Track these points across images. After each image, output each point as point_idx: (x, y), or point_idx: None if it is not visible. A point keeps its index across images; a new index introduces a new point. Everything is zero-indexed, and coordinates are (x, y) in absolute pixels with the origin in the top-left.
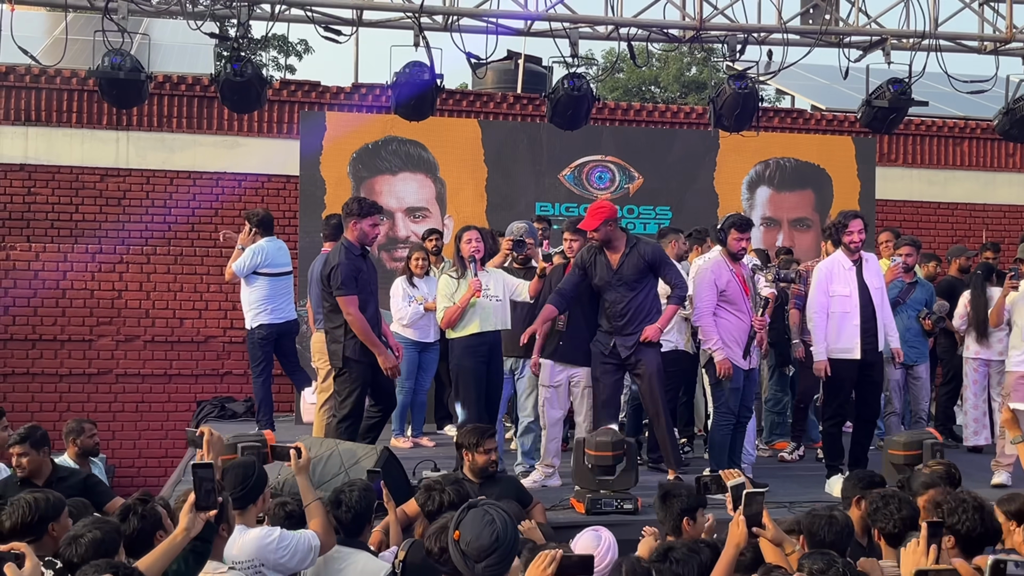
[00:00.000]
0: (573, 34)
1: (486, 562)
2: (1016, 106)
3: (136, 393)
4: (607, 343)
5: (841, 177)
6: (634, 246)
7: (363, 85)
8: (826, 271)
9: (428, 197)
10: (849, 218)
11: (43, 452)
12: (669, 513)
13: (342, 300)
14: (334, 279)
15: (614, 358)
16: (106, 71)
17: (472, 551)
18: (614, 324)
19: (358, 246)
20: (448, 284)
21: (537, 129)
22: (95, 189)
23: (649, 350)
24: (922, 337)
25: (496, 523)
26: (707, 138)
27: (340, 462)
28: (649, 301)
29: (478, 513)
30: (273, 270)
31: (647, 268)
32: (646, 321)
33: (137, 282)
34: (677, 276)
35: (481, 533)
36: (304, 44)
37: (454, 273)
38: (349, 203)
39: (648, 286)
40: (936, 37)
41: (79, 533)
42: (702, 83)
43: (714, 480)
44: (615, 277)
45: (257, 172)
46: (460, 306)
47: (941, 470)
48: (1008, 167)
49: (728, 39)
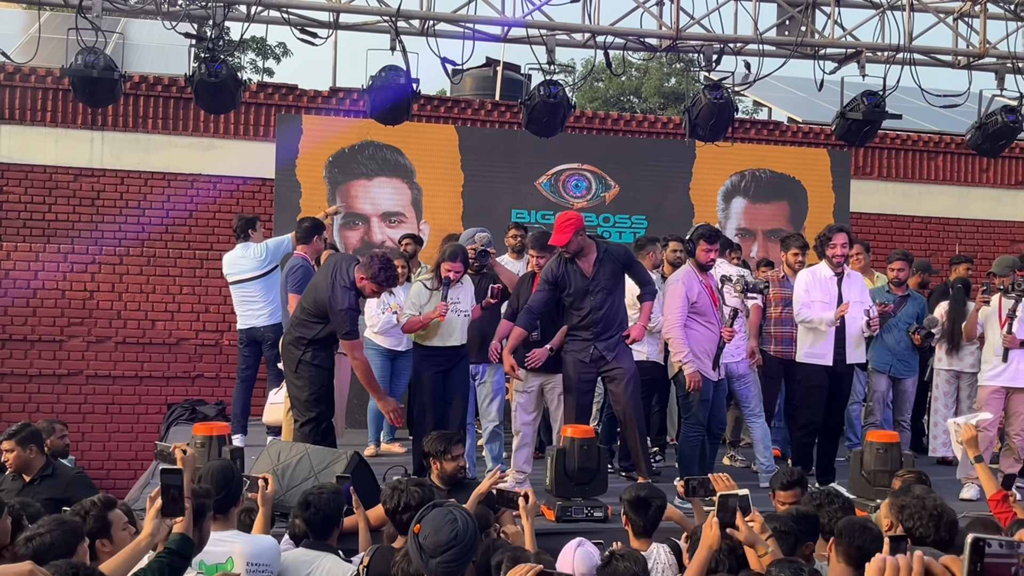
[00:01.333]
0: (550, 41)
1: (441, 558)
2: (988, 121)
3: (106, 395)
4: (587, 349)
5: (816, 189)
6: (605, 251)
7: (341, 89)
8: (808, 279)
9: (404, 202)
10: (834, 232)
11: (30, 449)
12: (642, 517)
13: (349, 344)
14: (344, 320)
15: (594, 365)
16: (79, 69)
17: (429, 545)
18: (593, 330)
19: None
20: (420, 293)
21: (514, 136)
22: (68, 189)
23: (626, 357)
24: (912, 351)
25: (457, 522)
26: (683, 148)
27: (310, 466)
28: (623, 305)
29: (441, 511)
30: (234, 277)
31: (621, 270)
32: (624, 323)
33: (109, 283)
34: (646, 274)
35: (440, 529)
36: (283, 47)
37: (428, 283)
38: (372, 262)
39: (622, 289)
40: (911, 51)
41: (35, 533)
42: (681, 94)
43: (702, 484)
44: (592, 284)
45: (232, 175)
46: (423, 322)
47: (912, 478)
48: (982, 182)
49: (704, 49)
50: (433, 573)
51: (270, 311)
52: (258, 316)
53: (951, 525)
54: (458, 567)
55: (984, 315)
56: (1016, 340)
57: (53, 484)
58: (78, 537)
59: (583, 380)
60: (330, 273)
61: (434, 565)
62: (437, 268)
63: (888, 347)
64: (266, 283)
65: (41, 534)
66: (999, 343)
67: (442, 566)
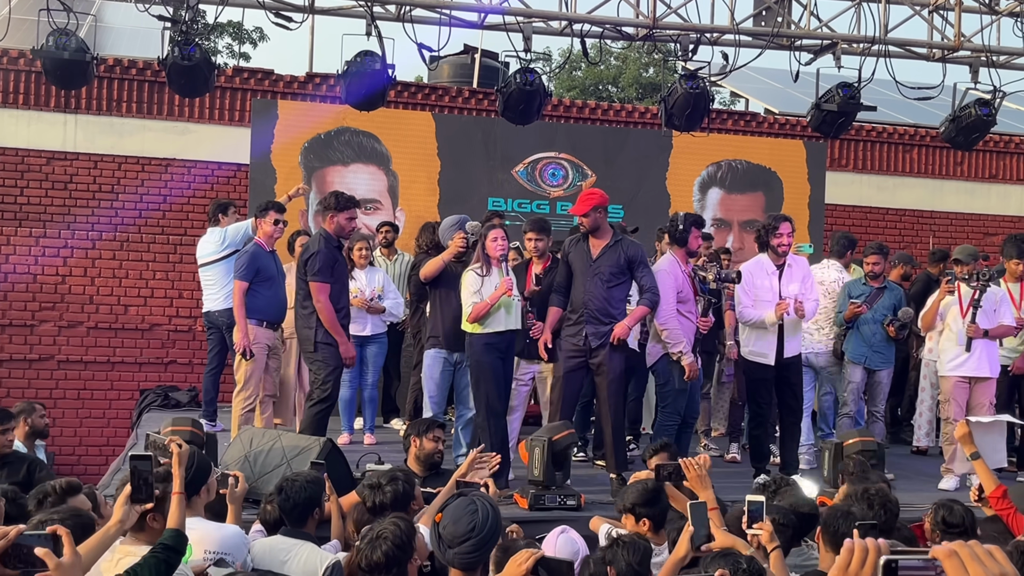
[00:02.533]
0: (526, 28)
1: (458, 549)
2: (962, 114)
3: (78, 380)
4: (577, 335)
5: (791, 180)
6: (618, 241)
7: (317, 75)
8: (748, 273)
9: (380, 189)
10: (779, 220)
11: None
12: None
13: (315, 286)
14: (311, 265)
15: (582, 353)
16: (50, 51)
17: (447, 535)
18: (583, 313)
19: (335, 238)
20: (474, 281)
21: (491, 124)
22: (40, 172)
23: (616, 354)
24: (887, 343)
25: (478, 513)
26: (660, 138)
27: (282, 453)
28: (621, 299)
29: (464, 501)
30: (200, 261)
31: (625, 266)
32: (618, 317)
33: (82, 268)
34: (651, 280)
35: (460, 519)
36: (259, 32)
37: (479, 270)
38: (327, 197)
39: (622, 284)
40: (886, 43)
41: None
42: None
43: (675, 470)
44: (591, 267)
45: (207, 159)
46: (490, 303)
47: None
48: (956, 175)
49: (681, 38)
50: (452, 564)
51: (224, 295)
52: (214, 300)
53: (889, 508)
54: (476, 558)
55: (945, 305)
56: (979, 330)
57: (11, 472)
58: (87, 532)
59: (570, 365)
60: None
61: (451, 556)
62: (483, 251)
63: (864, 339)
64: (223, 268)
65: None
66: (961, 332)
67: (459, 557)
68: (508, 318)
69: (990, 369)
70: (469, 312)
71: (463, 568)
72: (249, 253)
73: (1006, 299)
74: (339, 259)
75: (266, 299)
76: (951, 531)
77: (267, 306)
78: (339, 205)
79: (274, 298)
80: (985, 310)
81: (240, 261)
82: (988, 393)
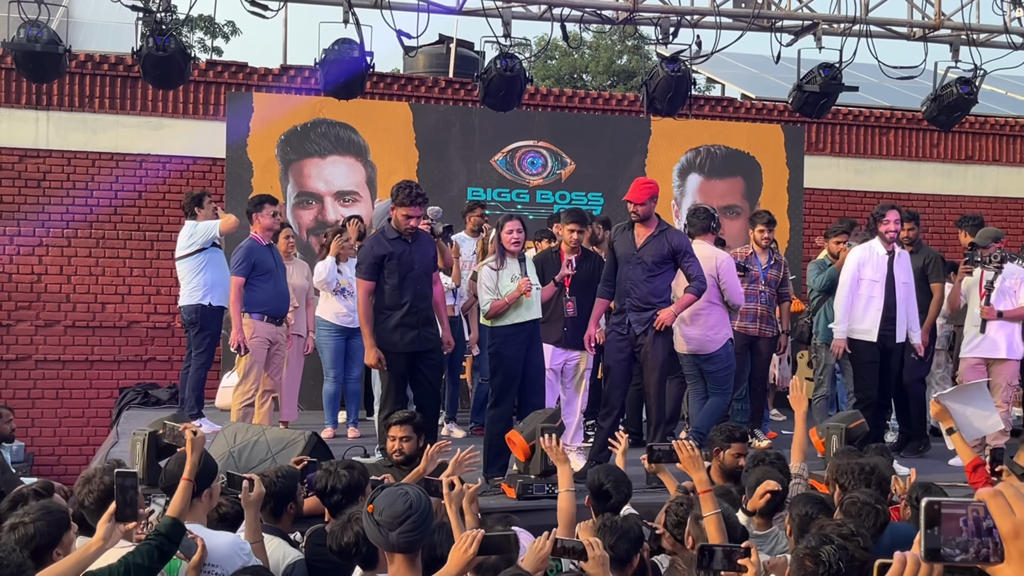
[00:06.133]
0: (506, 13)
1: (400, 529)
2: (944, 93)
3: (56, 379)
4: (622, 323)
5: (770, 165)
6: (663, 231)
7: (292, 67)
8: (859, 257)
9: (358, 181)
10: (886, 209)
11: None
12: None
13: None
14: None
15: (627, 341)
16: (21, 44)
17: (386, 519)
18: (627, 301)
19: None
20: (490, 276)
21: (469, 114)
22: (13, 170)
23: (658, 343)
24: None
25: (409, 495)
26: (639, 125)
27: (267, 448)
28: (665, 288)
29: (392, 488)
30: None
31: (670, 255)
32: (660, 305)
33: (57, 266)
34: (698, 269)
35: (395, 502)
36: (231, 26)
37: (493, 264)
38: (394, 187)
39: (665, 272)
40: (867, 23)
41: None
42: (631, 72)
43: (667, 452)
44: (635, 256)
45: (182, 154)
46: (508, 302)
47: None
48: (932, 157)
49: (661, 21)
50: (396, 547)
51: (188, 291)
52: (181, 296)
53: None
54: (418, 536)
55: (967, 286)
56: (994, 312)
57: None
58: (62, 527)
59: (617, 356)
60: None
61: (395, 537)
62: (498, 244)
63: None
64: (189, 264)
65: (25, 523)
66: (977, 314)
67: (402, 536)
68: (527, 311)
69: (1007, 350)
70: (486, 310)
71: (406, 548)
72: (244, 248)
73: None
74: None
75: (266, 293)
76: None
77: (267, 300)
78: (401, 200)
79: (274, 291)
80: (1000, 291)
81: (236, 256)
82: (1006, 374)
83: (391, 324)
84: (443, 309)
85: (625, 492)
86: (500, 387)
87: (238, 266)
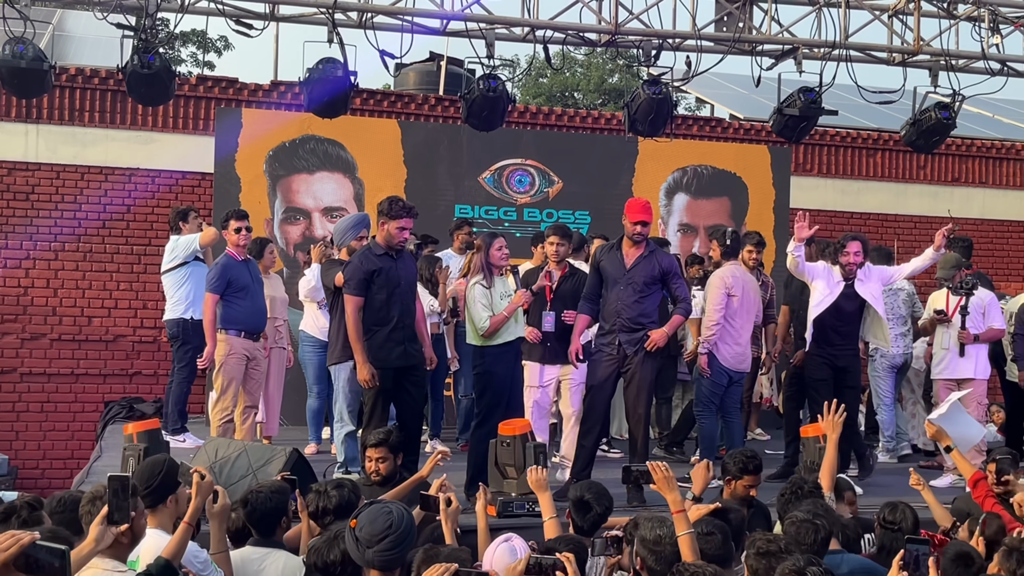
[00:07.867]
0: (489, 35)
1: (378, 547)
2: (922, 117)
3: (41, 393)
4: (610, 343)
5: (757, 185)
6: (652, 252)
7: (282, 83)
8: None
9: (346, 197)
10: (848, 240)
11: None
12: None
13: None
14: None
15: (616, 361)
16: (7, 60)
17: (365, 536)
18: (616, 321)
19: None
20: (483, 294)
21: (457, 131)
22: (2, 183)
23: (646, 365)
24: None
25: (392, 514)
26: (626, 144)
27: (248, 464)
28: (653, 308)
29: (377, 506)
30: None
31: (660, 276)
32: (650, 326)
33: (44, 279)
34: (685, 291)
35: (376, 520)
36: (224, 40)
37: (483, 282)
38: (382, 202)
39: (654, 293)
40: (846, 47)
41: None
42: (623, 91)
43: (643, 474)
44: (625, 276)
45: (171, 169)
46: (507, 315)
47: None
48: (919, 179)
49: (643, 44)
50: (371, 564)
51: (171, 305)
52: (166, 310)
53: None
54: (395, 556)
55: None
56: (970, 335)
57: None
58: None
59: (603, 375)
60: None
61: (371, 555)
62: (486, 261)
63: None
64: (172, 278)
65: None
66: (945, 337)
67: (379, 555)
68: (516, 327)
69: (974, 371)
70: (485, 327)
71: (382, 567)
72: (220, 265)
73: (994, 303)
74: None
75: (242, 309)
76: (889, 527)
77: (244, 316)
78: (391, 212)
79: (251, 307)
80: (973, 315)
81: (211, 274)
82: (975, 394)
83: (379, 340)
84: (424, 326)
85: (606, 505)
86: (488, 406)
87: (212, 283)
